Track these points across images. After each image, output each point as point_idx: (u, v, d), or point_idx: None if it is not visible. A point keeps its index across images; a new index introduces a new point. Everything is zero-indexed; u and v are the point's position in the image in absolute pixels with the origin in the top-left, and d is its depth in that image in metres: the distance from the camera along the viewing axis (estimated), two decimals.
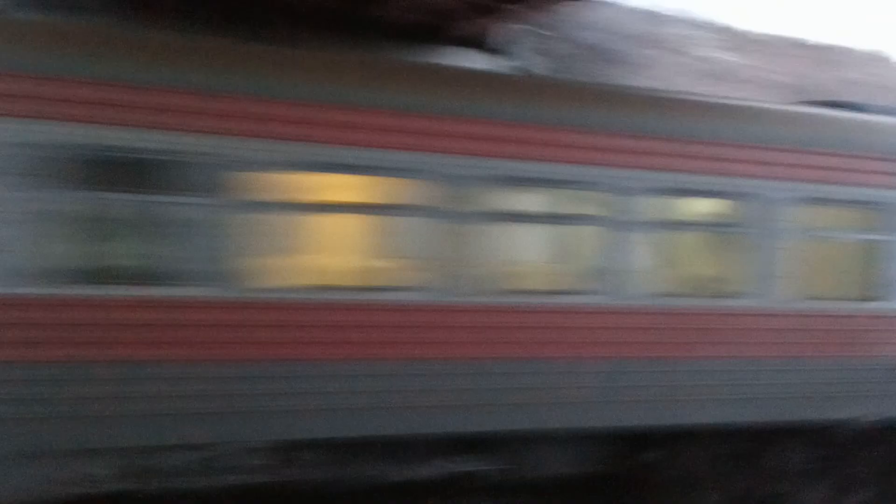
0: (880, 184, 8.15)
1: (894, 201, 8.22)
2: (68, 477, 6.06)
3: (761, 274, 7.77)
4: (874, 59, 24.02)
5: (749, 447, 8.38)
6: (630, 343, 7.35)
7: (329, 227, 6.64)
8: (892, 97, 21.21)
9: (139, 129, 5.85)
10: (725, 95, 9.61)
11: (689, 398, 7.60)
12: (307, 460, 6.78)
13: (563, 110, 7.18)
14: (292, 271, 6.42)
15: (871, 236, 8.22)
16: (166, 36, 6.49)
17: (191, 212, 6.00)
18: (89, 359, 5.82)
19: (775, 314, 7.79)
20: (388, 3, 13.96)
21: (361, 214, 6.70)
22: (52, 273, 5.82)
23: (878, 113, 9.00)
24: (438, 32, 15.29)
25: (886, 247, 8.26)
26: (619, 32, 17.71)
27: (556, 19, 16.37)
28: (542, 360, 7.02)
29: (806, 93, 18.75)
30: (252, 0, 13.11)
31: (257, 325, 6.22)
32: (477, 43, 15.43)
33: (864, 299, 8.19)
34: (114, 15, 8.09)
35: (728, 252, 7.83)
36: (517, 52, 15.54)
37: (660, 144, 7.40)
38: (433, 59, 14.61)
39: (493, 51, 15.35)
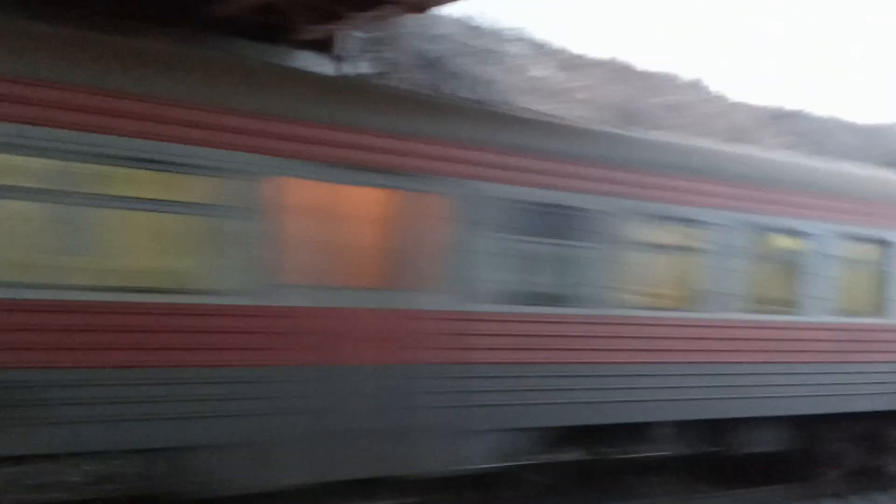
0: None
1: None
2: (492, 451, 7.70)
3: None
4: (694, 87, 26.06)
5: (870, 429, 10.36)
6: (819, 351, 9.57)
7: (665, 262, 8.80)
8: (709, 123, 23.05)
9: (559, 190, 7.83)
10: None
11: (854, 391, 9.82)
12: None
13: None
14: (641, 296, 8.40)
15: None
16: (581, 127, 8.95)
17: (586, 251, 8.00)
18: (523, 361, 7.66)
19: None
20: (232, 2, 13.86)
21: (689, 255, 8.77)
22: (502, 295, 7.56)
23: None
24: (284, 34, 15.30)
25: None
26: (462, 47, 18.27)
27: (401, 30, 16.73)
28: (780, 363, 9.29)
29: (632, 116, 20.03)
30: None
31: (624, 337, 8.23)
32: (321, 47, 15.56)
33: None
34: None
35: (881, 284, 10.23)
36: (360, 60, 15.78)
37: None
38: (279, 60, 14.59)
39: (337, 57, 15.52)
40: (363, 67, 15.67)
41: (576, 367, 7.98)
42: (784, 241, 9.47)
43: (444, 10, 18.12)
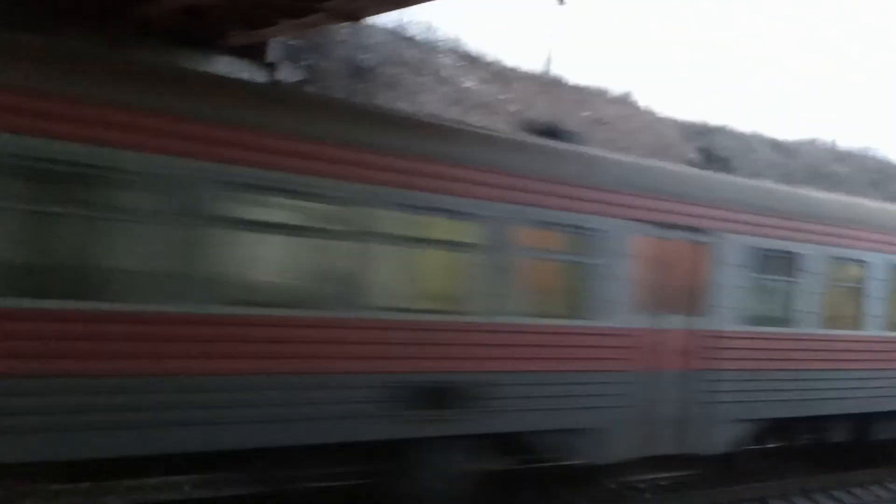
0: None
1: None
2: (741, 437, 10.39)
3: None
4: (622, 101, 26.57)
5: None
6: None
7: (845, 293, 11.56)
8: (636, 138, 23.56)
9: (778, 239, 10.61)
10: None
11: None
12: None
13: None
14: (831, 318, 11.13)
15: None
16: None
17: (796, 285, 10.81)
18: (756, 368, 10.35)
19: None
20: (160, 5, 13.65)
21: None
22: (743, 318, 10.28)
23: None
24: (213, 40, 15.14)
25: None
26: (394, 57, 18.29)
27: (333, 38, 16.69)
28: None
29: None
30: None
31: (824, 350, 11.00)
32: (251, 54, 15.43)
33: None
34: None
35: None
36: (288, 67, 15.69)
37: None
38: (207, 66, 14.42)
39: (268, 64, 15.42)
40: (292, 75, 15.58)
41: (790, 372, 10.71)
42: None
43: (377, 20, 18.18)
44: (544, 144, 9.14)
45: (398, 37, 19.51)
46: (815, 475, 11.68)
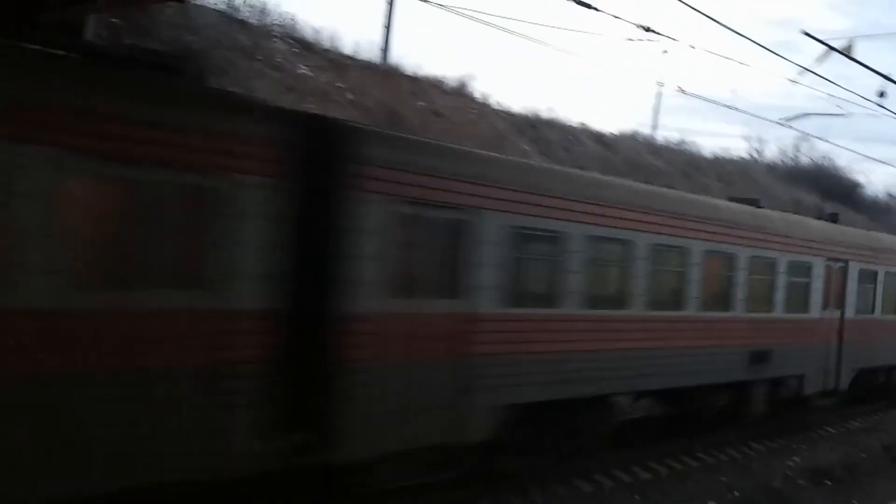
0: None
1: None
2: None
3: None
4: (459, 92, 27.11)
5: None
6: None
7: None
8: (470, 128, 24.18)
9: None
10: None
11: None
12: None
13: None
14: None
15: None
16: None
17: (875, 289, 18.99)
18: None
19: None
20: None
21: None
22: (858, 310, 18.12)
23: None
24: (29, 14, 14.22)
25: None
26: (225, 41, 17.84)
27: (160, 18, 16.10)
28: None
29: (398, 120, 20.60)
30: None
31: None
32: (71, 31, 14.61)
33: None
34: None
35: None
36: (110, 47, 14.98)
37: None
38: (21, 44, 13.52)
39: (86, 45, 14.64)
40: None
41: (876, 341, 18.36)
42: None
43: (206, 1, 17.69)
44: (799, 218, 17.05)
45: (229, 19, 19.04)
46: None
